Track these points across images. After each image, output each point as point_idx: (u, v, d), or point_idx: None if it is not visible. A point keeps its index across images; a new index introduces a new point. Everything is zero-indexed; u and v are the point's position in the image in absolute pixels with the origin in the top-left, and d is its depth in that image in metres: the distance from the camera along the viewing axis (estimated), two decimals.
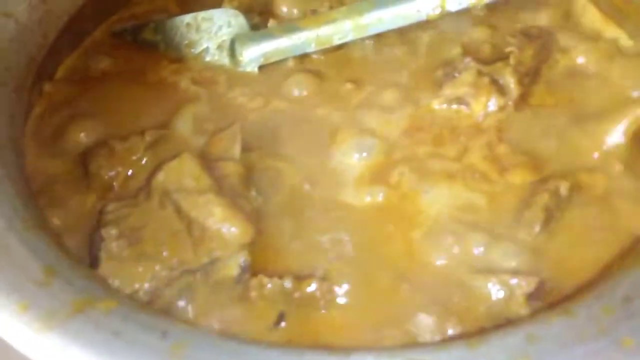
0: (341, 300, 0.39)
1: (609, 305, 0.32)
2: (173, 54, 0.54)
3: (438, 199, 0.43)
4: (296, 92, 0.51)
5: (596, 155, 0.44)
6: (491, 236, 0.41)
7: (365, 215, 0.43)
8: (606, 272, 0.36)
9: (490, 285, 0.38)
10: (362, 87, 0.51)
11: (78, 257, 0.38)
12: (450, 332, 0.37)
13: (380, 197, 0.44)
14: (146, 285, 0.38)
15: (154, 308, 0.36)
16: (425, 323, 0.37)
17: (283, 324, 0.38)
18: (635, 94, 0.48)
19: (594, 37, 0.52)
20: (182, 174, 0.41)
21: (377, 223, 0.43)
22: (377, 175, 0.45)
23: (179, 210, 0.40)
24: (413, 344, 0.36)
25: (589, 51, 0.51)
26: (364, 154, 0.46)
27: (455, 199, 0.43)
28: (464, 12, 0.52)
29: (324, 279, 0.39)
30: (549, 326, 0.32)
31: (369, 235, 0.42)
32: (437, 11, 0.49)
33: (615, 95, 0.48)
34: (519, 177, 0.44)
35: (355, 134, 0.47)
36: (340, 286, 0.39)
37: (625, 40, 0.52)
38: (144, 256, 0.38)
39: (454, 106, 0.48)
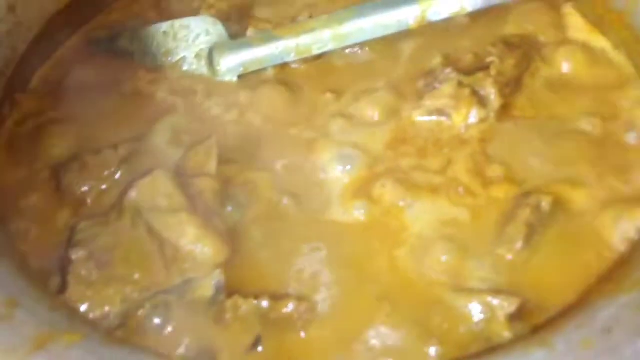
0: (319, 322, 0.38)
1: (588, 337, 0.31)
2: (150, 63, 0.53)
3: (422, 215, 0.43)
4: (275, 103, 0.50)
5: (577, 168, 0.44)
6: (473, 253, 0.40)
7: (347, 231, 0.42)
8: (587, 297, 0.36)
9: (471, 305, 0.37)
10: (343, 97, 0.50)
11: (45, 281, 0.37)
12: (431, 352, 0.36)
13: (363, 213, 0.43)
14: (116, 308, 0.36)
15: (125, 333, 0.35)
16: (405, 345, 0.36)
17: (260, 348, 0.37)
18: (621, 103, 0.48)
19: (578, 46, 0.52)
20: (155, 192, 0.39)
21: (358, 240, 0.42)
22: (360, 190, 0.44)
23: (151, 230, 0.38)
24: None
25: (572, 61, 0.51)
26: (347, 167, 0.45)
27: (439, 214, 0.43)
28: (446, 21, 0.51)
29: (301, 298, 0.38)
30: (526, 359, 0.31)
31: (350, 252, 0.41)
32: (418, 21, 0.48)
33: (598, 105, 0.47)
34: (502, 191, 0.44)
35: (337, 147, 0.47)
36: (318, 306, 0.38)
37: (609, 50, 0.51)
38: (115, 279, 0.37)
39: (435, 118, 0.47)
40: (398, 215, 0.43)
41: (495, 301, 0.37)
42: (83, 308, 0.36)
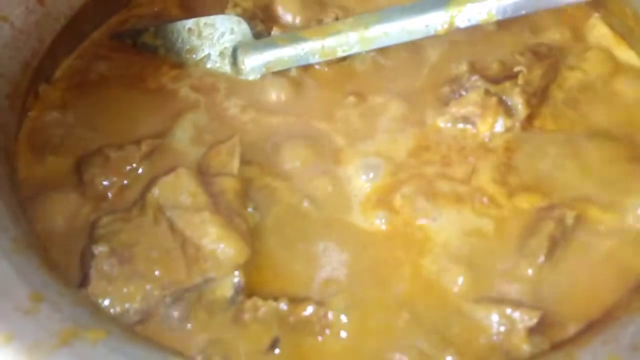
0: (337, 328, 0.38)
1: (615, 353, 0.31)
2: (173, 59, 0.53)
3: (445, 225, 0.42)
4: (297, 104, 0.50)
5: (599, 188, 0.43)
6: (495, 265, 0.40)
7: (369, 238, 0.42)
8: (611, 314, 0.35)
9: (491, 317, 0.37)
10: (365, 100, 0.50)
11: (68, 275, 0.37)
12: None
13: (385, 221, 0.43)
14: (137, 305, 0.37)
15: (144, 329, 0.35)
16: (423, 354, 0.36)
17: (277, 350, 0.37)
18: None
19: (605, 58, 0.51)
20: (177, 189, 0.39)
21: (380, 247, 0.42)
22: (383, 198, 0.44)
23: (173, 228, 0.38)
24: None
25: (598, 71, 0.50)
26: (370, 176, 0.45)
27: (463, 224, 0.42)
28: (473, 28, 0.50)
29: (320, 303, 0.38)
30: None
31: (371, 259, 0.41)
32: (446, 27, 0.48)
33: (626, 119, 0.47)
34: (526, 202, 0.43)
35: (359, 153, 0.46)
36: (337, 312, 0.38)
37: (635, 61, 0.51)
38: (136, 275, 0.37)
39: (460, 125, 0.47)
40: (420, 224, 0.43)
41: (515, 314, 0.37)
42: (104, 303, 0.36)
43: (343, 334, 0.38)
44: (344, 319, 0.38)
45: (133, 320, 0.37)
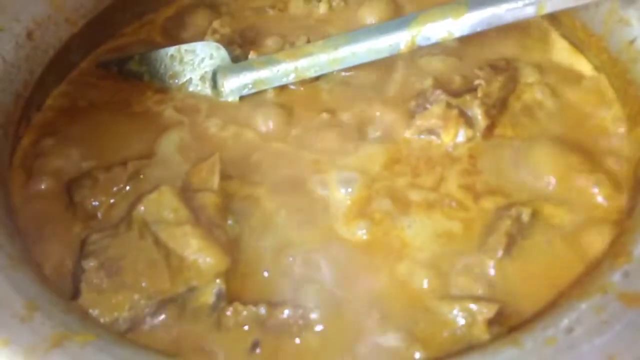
0: (314, 327, 0.40)
1: (553, 336, 0.34)
2: (157, 84, 0.56)
3: (420, 231, 0.45)
4: (274, 123, 0.53)
5: (551, 186, 0.46)
6: (460, 263, 0.43)
7: (343, 244, 0.45)
8: (557, 301, 0.38)
9: (454, 311, 0.40)
10: (338, 117, 0.53)
11: (60, 289, 0.40)
12: (417, 356, 0.39)
13: (362, 229, 0.45)
14: (125, 314, 0.39)
15: (133, 337, 0.38)
16: (393, 350, 0.38)
17: (258, 350, 0.39)
18: (601, 124, 0.51)
19: (561, 69, 0.55)
20: (161, 206, 0.42)
21: (355, 254, 0.44)
22: (358, 209, 0.47)
23: (157, 241, 0.41)
24: None
25: (556, 82, 0.54)
26: (348, 189, 0.48)
27: (435, 228, 0.45)
28: (437, 45, 0.54)
29: (297, 306, 0.41)
30: (498, 356, 0.34)
31: (345, 263, 0.44)
32: (408, 46, 0.51)
33: (579, 126, 0.50)
34: (490, 203, 0.46)
35: (334, 166, 0.49)
36: (312, 313, 0.40)
37: (588, 71, 0.54)
38: (123, 286, 0.40)
39: (425, 136, 0.50)
40: (396, 232, 0.45)
41: (474, 307, 0.40)
42: (94, 313, 0.39)
43: (318, 334, 0.40)
44: (318, 320, 0.40)
45: (122, 328, 0.39)
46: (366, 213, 0.46)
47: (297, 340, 0.40)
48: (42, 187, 0.49)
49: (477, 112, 0.50)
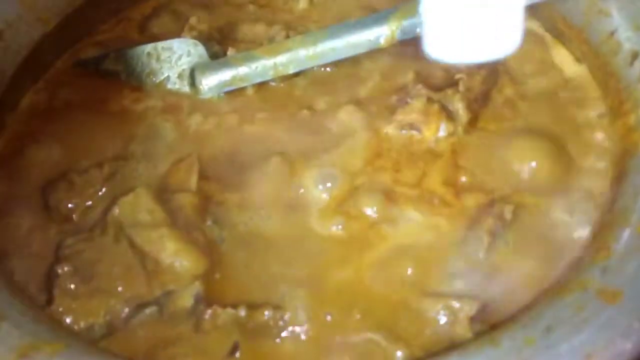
0: (294, 329, 0.40)
1: (531, 336, 0.33)
2: (135, 83, 0.55)
3: (401, 228, 0.44)
4: (255, 121, 0.52)
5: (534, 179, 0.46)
6: (441, 261, 0.43)
7: (325, 244, 0.44)
8: (537, 299, 0.38)
9: (436, 309, 0.40)
10: (319, 113, 0.52)
11: (33, 296, 0.39)
12: (398, 355, 0.38)
13: (343, 227, 0.45)
14: (101, 320, 0.38)
15: (109, 343, 0.37)
16: (374, 350, 0.38)
17: (237, 354, 0.39)
18: (582, 115, 0.50)
19: (544, 61, 0.54)
20: (136, 208, 0.41)
21: (337, 253, 0.44)
22: (339, 205, 0.46)
23: (133, 245, 0.40)
24: None
25: (539, 75, 0.53)
26: (327, 184, 0.47)
27: (416, 225, 0.45)
28: (417, 39, 0.53)
29: (277, 307, 0.40)
30: (477, 357, 0.33)
31: (325, 263, 0.43)
32: (388, 40, 0.51)
33: (560, 117, 0.50)
34: (472, 200, 0.46)
35: (315, 163, 0.48)
36: (292, 314, 0.40)
37: (572, 64, 0.54)
38: (99, 291, 0.39)
39: (406, 131, 0.50)
40: (377, 228, 0.45)
41: (456, 304, 0.39)
42: (68, 320, 0.38)
43: (298, 335, 0.40)
44: (298, 321, 0.40)
45: (98, 335, 0.38)
46: (345, 209, 0.46)
47: (278, 342, 0.39)
48: (16, 190, 0.47)
49: (459, 107, 0.49)
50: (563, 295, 0.35)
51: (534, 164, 0.46)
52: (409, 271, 0.42)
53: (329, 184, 0.47)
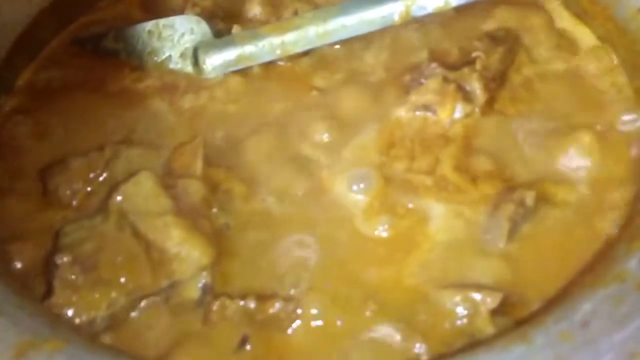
0: (306, 321, 0.38)
1: (567, 330, 0.31)
2: (135, 62, 0.53)
3: (423, 217, 0.42)
4: (262, 102, 0.50)
5: (561, 165, 0.44)
6: (459, 250, 0.41)
7: (335, 233, 0.42)
8: (567, 290, 0.36)
9: (455, 301, 0.38)
10: (329, 94, 0.50)
11: (32, 287, 0.37)
12: (417, 349, 0.37)
13: (387, 226, 0.43)
14: (103, 312, 0.37)
15: (111, 337, 0.35)
16: (391, 342, 0.36)
17: (248, 346, 0.37)
18: (605, 97, 0.48)
19: (563, 40, 0.52)
20: (140, 194, 0.40)
21: (346, 240, 0.42)
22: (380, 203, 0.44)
23: (136, 233, 0.39)
24: None
25: (558, 54, 0.51)
26: (360, 185, 0.44)
27: (435, 215, 0.43)
28: (431, 16, 0.51)
29: (288, 299, 0.38)
30: (506, 354, 0.31)
31: (336, 253, 0.41)
32: (403, 17, 0.48)
33: (583, 101, 0.48)
34: (489, 186, 0.44)
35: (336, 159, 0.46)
36: (305, 307, 0.38)
37: (594, 42, 0.51)
38: (100, 282, 0.37)
39: (421, 113, 0.47)
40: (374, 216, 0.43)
41: (477, 296, 0.37)
42: (69, 313, 0.36)
43: (311, 328, 0.38)
44: (311, 313, 0.38)
45: (100, 328, 0.37)
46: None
47: (289, 333, 0.38)
48: (15, 174, 0.46)
49: (476, 87, 0.47)
50: (598, 287, 0.33)
51: (556, 149, 0.44)
52: (425, 263, 0.40)
53: (362, 185, 0.44)
